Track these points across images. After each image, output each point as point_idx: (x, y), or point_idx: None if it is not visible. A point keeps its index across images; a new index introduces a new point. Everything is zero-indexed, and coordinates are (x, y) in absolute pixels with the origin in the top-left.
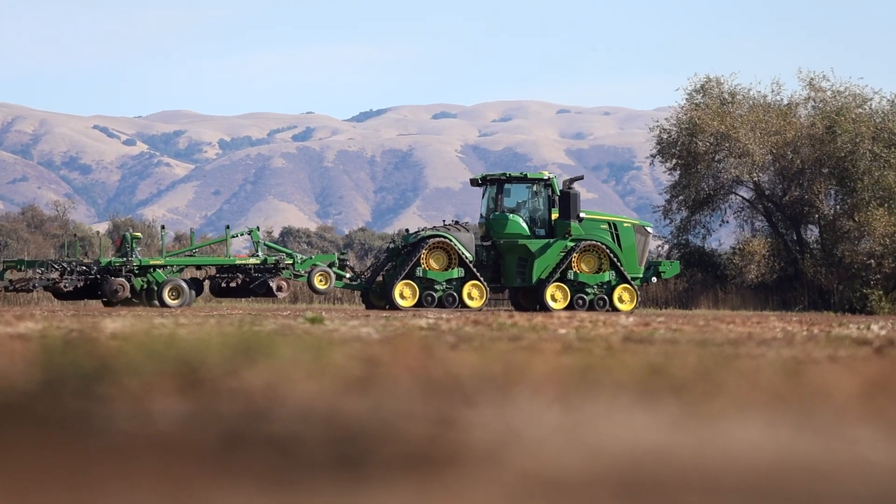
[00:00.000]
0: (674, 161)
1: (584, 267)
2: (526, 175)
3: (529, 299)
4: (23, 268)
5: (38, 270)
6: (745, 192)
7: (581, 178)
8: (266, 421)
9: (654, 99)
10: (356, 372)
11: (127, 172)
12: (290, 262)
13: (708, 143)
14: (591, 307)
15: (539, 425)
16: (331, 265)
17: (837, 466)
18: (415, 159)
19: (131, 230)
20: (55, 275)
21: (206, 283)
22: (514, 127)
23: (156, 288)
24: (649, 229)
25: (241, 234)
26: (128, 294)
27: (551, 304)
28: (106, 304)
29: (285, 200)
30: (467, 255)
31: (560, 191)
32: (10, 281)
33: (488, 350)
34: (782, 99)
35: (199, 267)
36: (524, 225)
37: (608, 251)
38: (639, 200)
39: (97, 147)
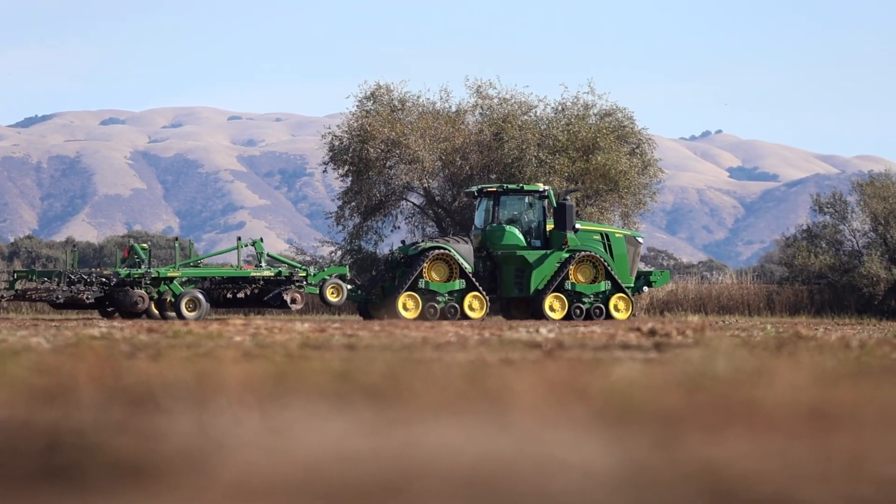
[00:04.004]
0: (346, 168)
1: (580, 277)
2: (522, 187)
3: (522, 309)
4: (34, 278)
5: (54, 280)
6: (415, 198)
7: (577, 189)
8: None
9: (326, 106)
10: (40, 383)
11: None
12: (304, 274)
13: (379, 150)
14: (588, 316)
15: (237, 433)
16: (342, 277)
17: (530, 465)
18: (83, 166)
19: (132, 240)
20: (55, 285)
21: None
22: (184, 133)
23: (170, 299)
24: (640, 239)
25: (245, 245)
26: (147, 306)
27: (550, 314)
28: (103, 315)
29: None
30: (467, 266)
31: (556, 202)
32: (16, 290)
33: (168, 358)
34: (451, 106)
35: (204, 278)
36: (520, 236)
37: (603, 261)
38: (311, 207)
39: None
